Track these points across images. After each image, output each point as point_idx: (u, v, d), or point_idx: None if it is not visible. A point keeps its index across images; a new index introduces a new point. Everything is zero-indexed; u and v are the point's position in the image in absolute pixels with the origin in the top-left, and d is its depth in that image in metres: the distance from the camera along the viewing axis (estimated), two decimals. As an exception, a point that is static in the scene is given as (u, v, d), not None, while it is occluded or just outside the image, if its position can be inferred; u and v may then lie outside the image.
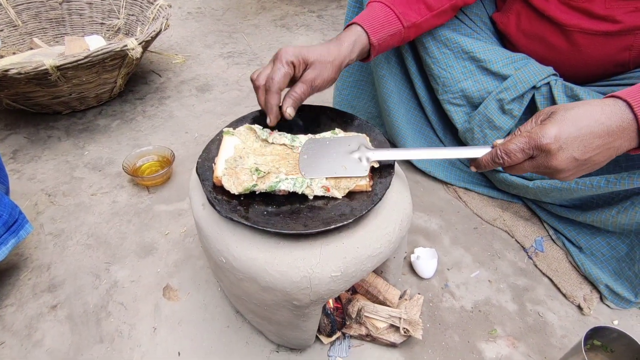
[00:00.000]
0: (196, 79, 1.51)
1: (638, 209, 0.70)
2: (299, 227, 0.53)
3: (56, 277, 0.83)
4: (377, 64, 0.96)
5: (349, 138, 0.63)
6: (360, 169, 0.57)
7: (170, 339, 0.73)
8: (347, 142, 0.62)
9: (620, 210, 0.73)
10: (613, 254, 0.79)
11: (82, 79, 1.12)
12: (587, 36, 0.73)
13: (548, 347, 0.73)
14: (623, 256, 0.78)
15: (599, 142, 0.51)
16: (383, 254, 0.57)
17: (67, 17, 1.57)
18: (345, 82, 1.07)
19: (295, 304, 0.55)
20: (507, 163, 0.53)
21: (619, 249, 0.79)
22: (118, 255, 0.87)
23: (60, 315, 0.77)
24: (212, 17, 2.02)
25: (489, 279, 0.84)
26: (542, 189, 0.84)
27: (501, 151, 0.53)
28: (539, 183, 0.85)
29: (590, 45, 0.73)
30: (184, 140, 1.21)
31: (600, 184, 0.72)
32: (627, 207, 0.72)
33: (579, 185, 0.76)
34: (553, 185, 0.82)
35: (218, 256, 0.57)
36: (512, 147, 0.53)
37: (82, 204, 0.99)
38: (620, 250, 0.78)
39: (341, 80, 1.07)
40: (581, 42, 0.74)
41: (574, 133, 0.50)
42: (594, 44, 0.73)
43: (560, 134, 0.50)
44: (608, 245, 0.80)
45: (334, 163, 0.59)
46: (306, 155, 0.60)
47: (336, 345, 0.71)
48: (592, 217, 0.79)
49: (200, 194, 0.62)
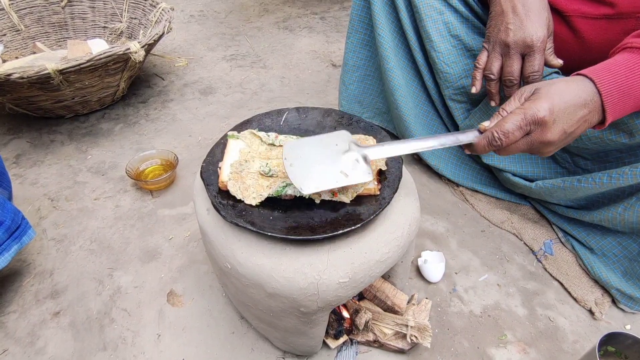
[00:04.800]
0: (199, 81, 1.51)
1: None
2: (306, 232, 0.52)
3: (59, 283, 0.82)
4: (385, 57, 0.93)
5: (333, 136, 0.56)
6: (363, 174, 0.53)
7: (174, 346, 0.72)
8: (333, 141, 0.55)
9: (627, 208, 0.71)
10: (625, 253, 0.78)
11: (84, 82, 1.11)
12: (588, 21, 0.70)
13: (560, 353, 0.71)
14: (635, 255, 0.76)
15: (581, 113, 0.54)
16: (391, 259, 0.56)
17: (70, 21, 1.57)
18: (352, 77, 1.05)
19: (302, 310, 0.54)
20: (505, 144, 0.53)
21: (630, 249, 0.77)
22: (121, 260, 0.86)
23: (63, 322, 0.76)
24: (215, 19, 2.01)
25: (498, 282, 0.82)
26: (546, 189, 0.83)
27: (498, 133, 0.52)
28: (541, 184, 0.84)
29: (593, 31, 0.71)
30: (188, 144, 1.20)
31: (603, 180, 0.71)
32: (633, 203, 0.70)
33: (581, 183, 0.75)
34: (555, 185, 0.81)
35: (223, 262, 0.56)
36: (508, 126, 0.52)
37: (85, 209, 0.98)
38: (632, 250, 0.77)
39: (347, 75, 1.05)
40: (583, 28, 0.72)
41: (562, 105, 0.52)
42: (596, 28, 0.70)
43: (553, 106, 0.52)
44: (619, 245, 0.78)
45: (331, 169, 0.53)
46: (292, 164, 0.53)
47: (343, 352, 0.70)
48: (600, 216, 0.77)
49: (204, 198, 0.61)
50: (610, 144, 0.72)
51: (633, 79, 0.54)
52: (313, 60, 1.64)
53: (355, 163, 0.54)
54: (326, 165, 0.53)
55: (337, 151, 0.55)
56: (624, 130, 0.68)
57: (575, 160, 0.83)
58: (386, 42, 0.92)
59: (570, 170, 0.85)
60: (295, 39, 1.81)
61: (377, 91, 1.06)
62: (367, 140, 0.64)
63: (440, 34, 0.84)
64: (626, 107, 0.56)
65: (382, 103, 1.08)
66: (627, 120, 0.67)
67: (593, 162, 0.80)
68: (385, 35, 0.92)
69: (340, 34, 1.84)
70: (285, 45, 1.76)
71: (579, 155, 0.82)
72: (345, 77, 1.06)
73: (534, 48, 0.64)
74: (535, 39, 0.64)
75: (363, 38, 0.99)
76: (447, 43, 0.85)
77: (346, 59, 1.03)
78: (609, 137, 0.71)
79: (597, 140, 0.73)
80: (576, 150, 0.80)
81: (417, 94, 0.99)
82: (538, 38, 0.64)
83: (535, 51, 0.65)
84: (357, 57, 1.02)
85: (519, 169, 0.90)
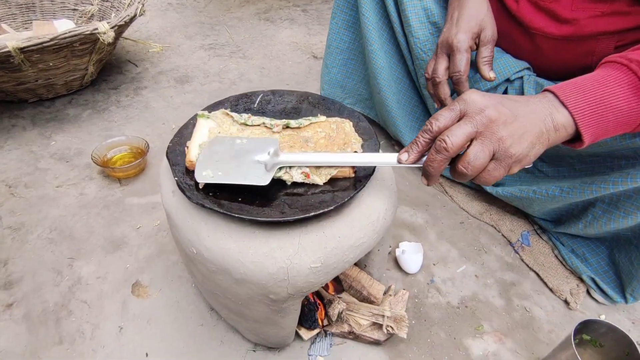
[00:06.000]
0: (175, 69, 1.45)
1: (602, 222, 0.71)
2: (276, 214, 0.49)
3: (13, 273, 0.76)
4: (369, 38, 0.91)
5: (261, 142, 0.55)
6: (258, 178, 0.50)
7: (137, 339, 0.67)
8: (259, 146, 0.54)
9: (587, 225, 0.74)
10: (594, 254, 0.79)
11: (48, 63, 1.05)
12: (549, 40, 0.71)
13: (535, 342, 0.71)
14: (605, 258, 0.78)
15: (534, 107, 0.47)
16: (367, 244, 0.53)
17: (38, 3, 1.48)
18: (335, 59, 1.02)
19: (272, 298, 0.51)
20: (450, 144, 0.43)
21: (599, 251, 0.78)
22: (83, 250, 0.81)
23: (17, 315, 0.70)
24: (194, 8, 1.95)
25: (476, 274, 0.81)
26: (505, 197, 0.86)
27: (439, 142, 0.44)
28: (501, 191, 0.86)
29: (553, 50, 0.72)
30: (161, 132, 1.15)
31: (555, 193, 0.75)
32: (590, 221, 0.73)
33: (536, 195, 0.78)
34: (513, 194, 0.83)
35: (189, 247, 0.52)
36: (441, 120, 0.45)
37: (46, 196, 0.92)
38: (601, 252, 0.78)
39: (330, 57, 1.02)
40: (544, 46, 0.73)
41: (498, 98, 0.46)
42: (556, 48, 0.72)
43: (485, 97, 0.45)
44: (588, 247, 0.80)
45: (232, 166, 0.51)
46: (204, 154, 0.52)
47: (317, 343, 0.67)
48: (564, 229, 0.80)
49: (170, 180, 0.57)
50: (562, 148, 0.74)
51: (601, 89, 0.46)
52: (294, 51, 1.61)
53: (259, 165, 0.51)
54: (231, 162, 0.52)
55: (253, 153, 0.53)
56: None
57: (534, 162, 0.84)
58: (370, 23, 0.90)
59: (528, 170, 0.86)
60: (276, 30, 1.77)
61: (360, 76, 1.04)
62: (343, 124, 0.61)
63: (419, 20, 0.83)
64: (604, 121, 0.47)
65: (364, 89, 1.06)
66: None
67: (548, 165, 0.82)
68: (370, 16, 0.89)
69: (322, 26, 1.82)
70: (266, 36, 1.72)
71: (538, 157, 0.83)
72: (327, 60, 1.03)
73: (453, 48, 0.69)
74: (455, 41, 0.69)
75: (348, 19, 0.96)
76: (425, 29, 0.83)
77: (330, 40, 1.00)
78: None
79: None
80: None
81: (400, 78, 0.96)
82: (458, 40, 0.68)
83: (455, 51, 0.69)
84: (341, 40, 0.99)
85: None
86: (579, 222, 0.75)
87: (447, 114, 0.46)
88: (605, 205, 0.70)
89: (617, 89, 0.46)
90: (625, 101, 0.46)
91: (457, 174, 0.46)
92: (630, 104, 0.46)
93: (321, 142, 0.58)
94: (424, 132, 0.46)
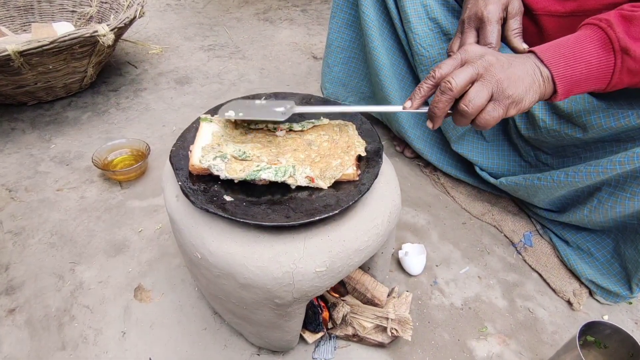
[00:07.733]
0: (175, 71, 1.45)
1: (607, 206, 0.70)
2: (281, 218, 0.49)
3: (15, 278, 0.76)
4: (370, 35, 0.91)
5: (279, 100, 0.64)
6: (276, 114, 0.57)
7: (140, 344, 0.67)
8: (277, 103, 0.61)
9: (592, 210, 0.73)
10: (599, 247, 0.78)
11: (48, 66, 1.04)
12: (553, 19, 0.71)
13: (539, 343, 0.71)
14: (610, 250, 0.77)
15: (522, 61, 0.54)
16: (371, 248, 0.53)
17: (36, 5, 1.48)
18: (336, 58, 1.02)
19: (277, 302, 0.50)
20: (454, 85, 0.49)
21: (604, 244, 0.78)
22: (85, 254, 0.81)
23: (19, 320, 0.70)
24: (193, 9, 1.95)
25: (479, 275, 0.81)
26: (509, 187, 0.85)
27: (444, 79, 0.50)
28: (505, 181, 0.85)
29: (557, 28, 0.72)
30: (161, 134, 1.14)
31: (560, 178, 0.74)
32: (596, 205, 0.72)
33: (541, 181, 0.77)
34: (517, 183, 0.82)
35: (193, 251, 0.52)
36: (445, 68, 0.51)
37: (46, 200, 0.92)
38: (607, 245, 0.77)
39: (332, 56, 1.02)
40: (548, 25, 0.72)
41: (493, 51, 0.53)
42: (560, 26, 0.71)
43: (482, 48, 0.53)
44: (593, 240, 0.79)
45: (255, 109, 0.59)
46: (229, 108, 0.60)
47: (321, 347, 0.67)
48: (569, 218, 0.79)
49: (174, 184, 0.57)
50: (567, 138, 0.74)
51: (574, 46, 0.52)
52: (293, 52, 1.61)
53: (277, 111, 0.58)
54: (252, 109, 0.59)
55: (272, 106, 0.59)
56: (579, 125, 0.71)
57: (537, 154, 0.85)
58: (371, 20, 0.89)
59: (532, 164, 0.86)
60: (275, 31, 1.77)
61: (362, 74, 1.03)
62: (346, 127, 0.61)
63: (418, 16, 0.83)
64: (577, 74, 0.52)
65: (367, 87, 1.05)
66: (582, 115, 0.69)
67: (553, 157, 0.81)
68: (370, 14, 0.89)
69: (321, 26, 1.81)
70: (265, 37, 1.71)
71: (540, 150, 0.84)
72: (329, 59, 1.02)
73: (484, 19, 0.67)
74: (485, 12, 0.66)
75: (348, 18, 0.96)
76: (425, 26, 0.83)
77: (330, 39, 1.00)
78: (565, 131, 0.73)
79: (555, 133, 0.75)
80: (537, 143, 0.82)
81: (402, 75, 0.96)
82: (488, 11, 0.66)
83: (487, 23, 0.66)
84: (342, 38, 0.99)
85: (484, 161, 0.91)
86: (584, 208, 0.74)
87: (450, 61, 0.51)
88: (612, 189, 0.69)
89: (587, 44, 0.52)
90: (594, 55, 0.52)
91: (459, 114, 0.51)
92: (599, 58, 0.52)
93: (325, 145, 0.58)
94: (428, 79, 0.52)
